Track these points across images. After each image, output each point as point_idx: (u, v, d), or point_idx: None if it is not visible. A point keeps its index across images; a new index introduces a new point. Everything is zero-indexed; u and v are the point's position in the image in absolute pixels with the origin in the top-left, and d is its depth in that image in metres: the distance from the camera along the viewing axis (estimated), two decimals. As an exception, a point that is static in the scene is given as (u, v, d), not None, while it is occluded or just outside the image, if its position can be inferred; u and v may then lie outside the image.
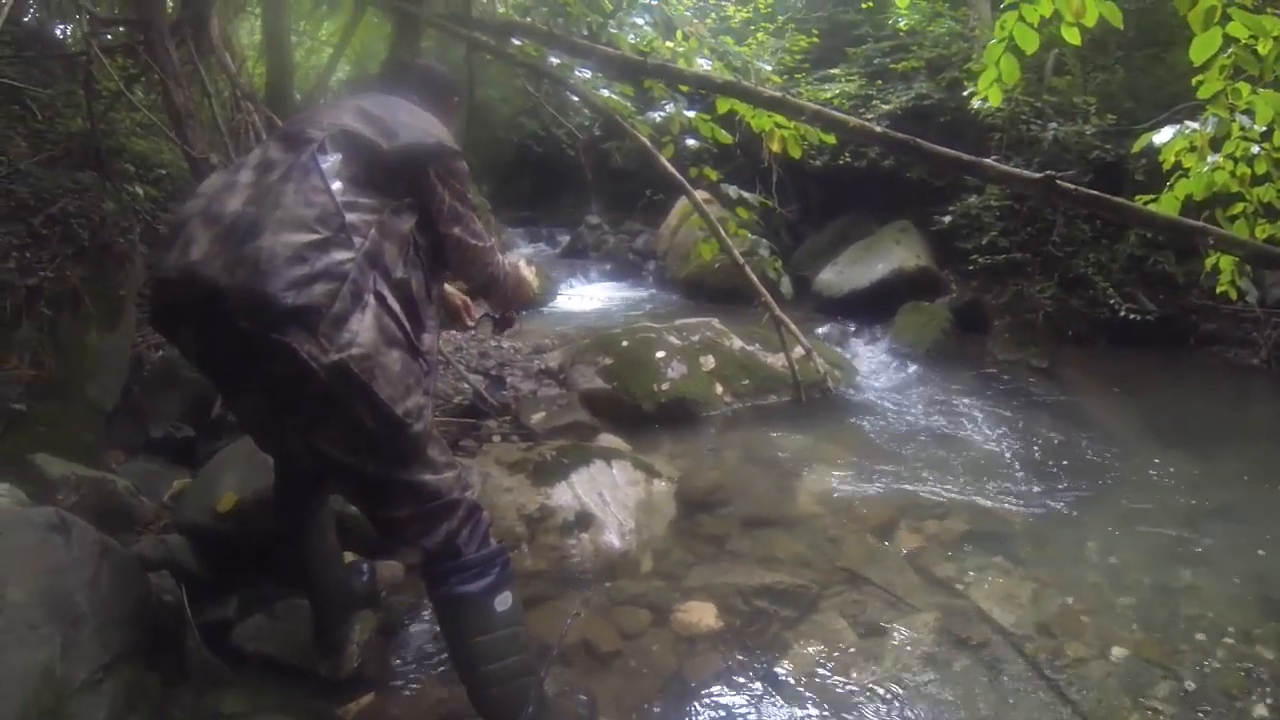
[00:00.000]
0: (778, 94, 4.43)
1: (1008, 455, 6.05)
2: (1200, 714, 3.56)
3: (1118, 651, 3.91)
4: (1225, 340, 8.59)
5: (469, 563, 2.74)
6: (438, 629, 3.39)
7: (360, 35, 8.85)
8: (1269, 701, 3.64)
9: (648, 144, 4.65)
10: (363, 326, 2.34)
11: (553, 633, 3.74)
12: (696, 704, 3.43)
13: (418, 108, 2.91)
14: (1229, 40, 3.37)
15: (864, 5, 12.21)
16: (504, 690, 2.82)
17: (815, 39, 12.22)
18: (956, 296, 9.38)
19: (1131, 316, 8.50)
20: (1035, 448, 6.22)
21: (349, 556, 3.92)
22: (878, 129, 4.00)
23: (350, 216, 2.41)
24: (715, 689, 3.53)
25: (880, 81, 11.25)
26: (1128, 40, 9.44)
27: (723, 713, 3.39)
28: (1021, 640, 3.94)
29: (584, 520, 4.35)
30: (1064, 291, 8.84)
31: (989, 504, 5.24)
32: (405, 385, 2.47)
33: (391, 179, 2.60)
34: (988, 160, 3.51)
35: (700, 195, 11.11)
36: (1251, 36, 3.35)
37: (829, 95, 11.09)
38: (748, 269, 4.19)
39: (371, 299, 2.40)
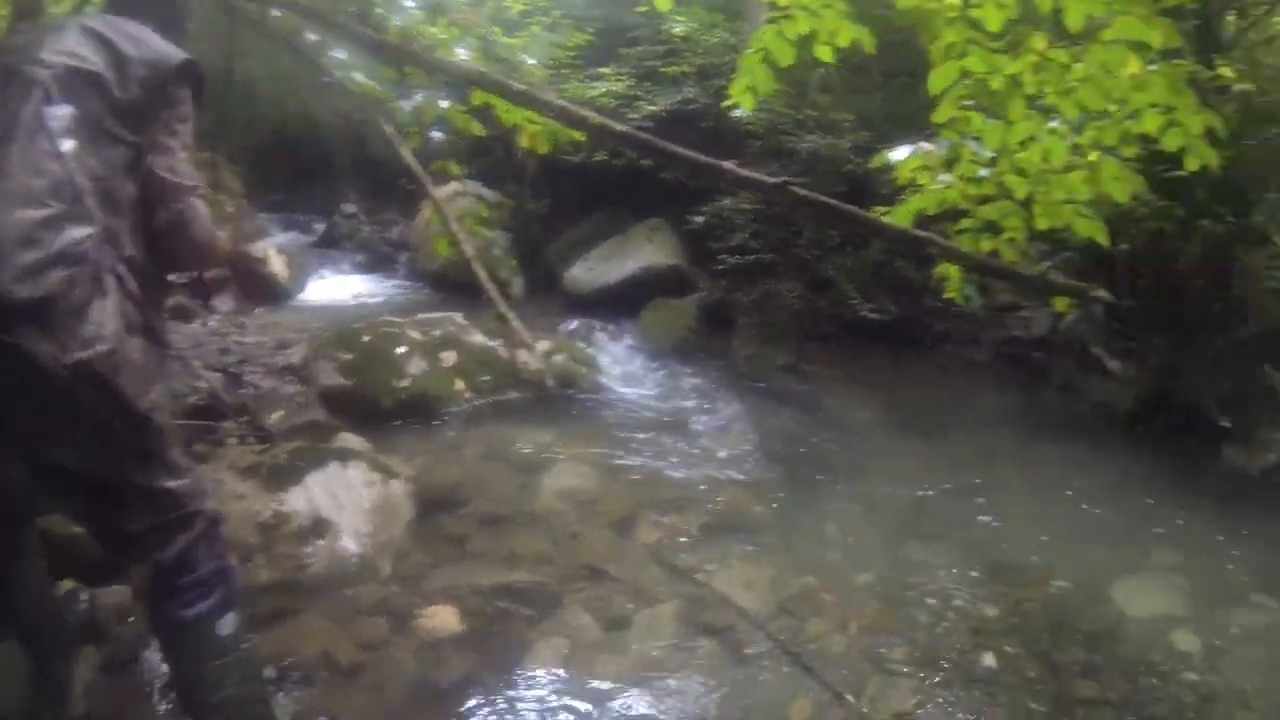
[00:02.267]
0: (525, 89, 4.38)
1: (749, 447, 6.28)
2: (935, 671, 3.86)
3: (857, 623, 4.17)
4: (955, 339, 9.14)
5: (194, 582, 2.49)
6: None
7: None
8: (995, 652, 4.00)
9: (390, 133, 4.49)
10: (106, 316, 2.11)
11: (293, 650, 3.58)
12: (443, 712, 3.39)
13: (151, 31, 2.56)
14: (965, 73, 3.60)
15: (639, 10, 12.35)
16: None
17: (590, 37, 12.20)
18: (705, 295, 9.55)
19: (873, 317, 8.93)
20: (777, 439, 6.50)
21: (65, 585, 3.58)
22: (618, 127, 4.05)
23: (83, 182, 2.15)
24: (462, 695, 3.48)
25: (649, 83, 11.32)
26: (888, 68, 9.93)
27: (469, 718, 3.36)
28: (764, 621, 4.12)
29: (320, 526, 4.18)
30: (810, 292, 9.18)
31: (730, 494, 5.44)
32: (147, 376, 2.27)
33: (126, 121, 2.32)
34: (727, 164, 3.61)
35: (454, 188, 11.02)
36: (987, 72, 3.59)
37: (596, 93, 11.11)
38: (476, 265, 4.13)
39: (112, 281, 2.17)
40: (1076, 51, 3.59)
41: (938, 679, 3.80)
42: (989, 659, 3.95)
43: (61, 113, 2.19)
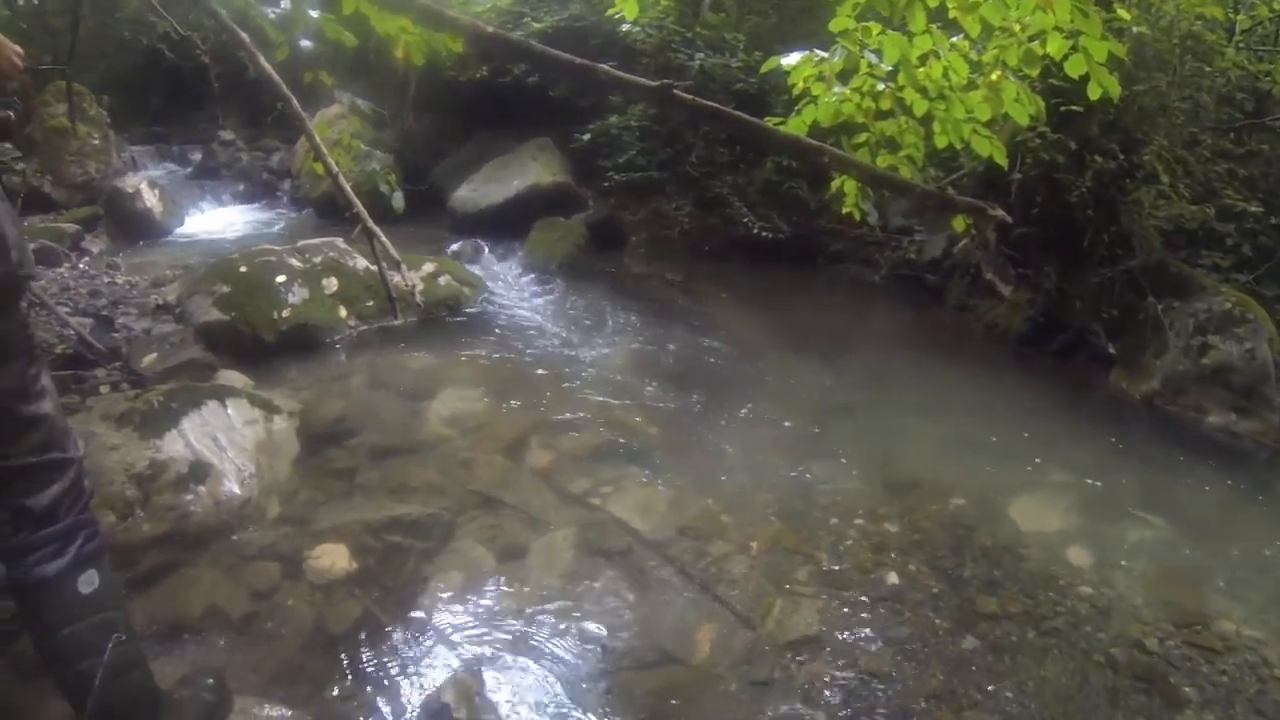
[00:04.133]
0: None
1: (642, 366, 6.16)
2: (838, 590, 3.84)
3: (758, 545, 4.11)
4: (850, 259, 9.25)
5: (52, 535, 2.29)
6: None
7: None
8: (898, 570, 4.01)
9: (248, 41, 4.09)
10: None
11: (182, 609, 3.36)
12: (342, 657, 3.21)
13: None
14: None
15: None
16: (106, 690, 2.34)
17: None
18: (593, 213, 9.38)
19: (765, 235, 8.88)
20: (670, 359, 6.39)
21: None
22: (489, 29, 3.73)
23: None
24: (358, 638, 3.32)
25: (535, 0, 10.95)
26: None
27: (368, 661, 3.20)
28: (663, 545, 4.03)
29: (200, 471, 3.89)
30: (701, 210, 9.07)
31: (623, 415, 5.31)
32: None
33: None
34: (603, 66, 3.35)
35: (337, 110, 10.50)
36: None
37: (480, 9, 10.64)
38: (341, 179, 3.82)
39: None
40: None
41: (842, 598, 3.78)
42: (892, 576, 3.96)
43: None
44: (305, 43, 5.71)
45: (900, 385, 6.32)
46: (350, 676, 3.12)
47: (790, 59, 3.99)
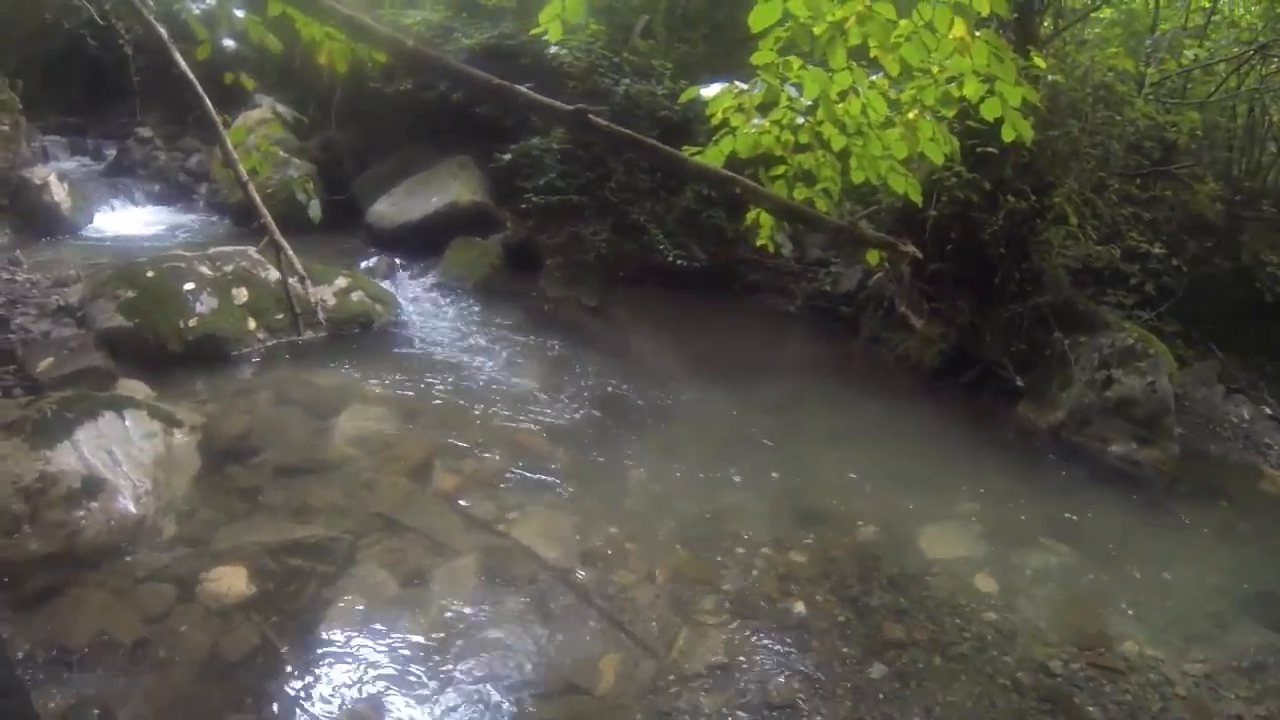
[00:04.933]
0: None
1: (552, 391, 6.09)
2: (745, 620, 3.85)
3: (664, 573, 4.11)
4: (767, 290, 9.26)
5: None
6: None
7: None
8: (805, 599, 4.03)
9: (164, 35, 3.91)
10: None
11: (71, 633, 3.22)
12: (237, 686, 3.12)
13: None
14: (788, 15, 3.41)
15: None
16: None
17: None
18: (511, 234, 9.22)
19: (682, 263, 8.87)
20: (581, 383, 6.33)
21: None
22: (408, 43, 3.64)
23: None
24: (254, 665, 3.23)
25: (466, 15, 10.76)
26: (718, 22, 9.82)
27: (265, 691, 3.11)
28: (568, 573, 4.01)
29: (93, 486, 3.73)
30: (618, 236, 9.00)
31: (531, 439, 5.25)
32: None
33: None
34: (520, 87, 3.29)
35: (259, 115, 10.22)
36: (810, 16, 3.41)
37: (410, 21, 10.51)
38: (250, 187, 3.67)
39: None
40: (904, 6, 3.47)
41: (749, 628, 3.79)
42: (799, 606, 3.98)
43: None
44: (229, 42, 5.54)
45: (812, 415, 6.37)
46: (246, 707, 3.04)
47: (710, 90, 3.98)
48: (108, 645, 3.18)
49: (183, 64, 4.19)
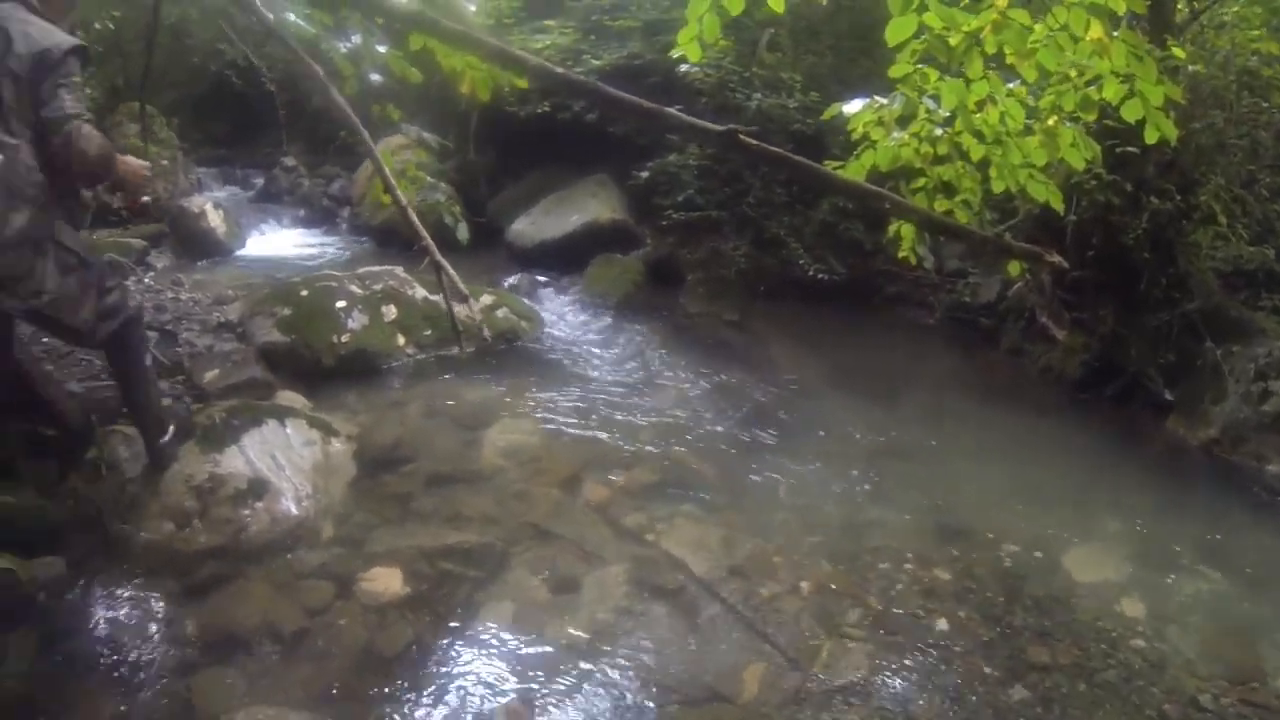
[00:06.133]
0: (459, 28, 4.17)
1: (697, 404, 6.18)
2: (888, 635, 3.83)
3: (808, 586, 4.13)
4: (906, 302, 9.22)
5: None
6: (103, 630, 3.28)
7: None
8: (948, 616, 4.00)
9: (320, 74, 4.25)
10: (46, 274, 3.01)
11: (234, 618, 3.45)
12: (391, 679, 3.28)
13: (29, 14, 3.00)
14: (924, 27, 3.46)
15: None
16: None
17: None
18: (651, 250, 9.45)
19: (821, 277, 8.91)
20: (725, 397, 6.40)
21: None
22: (558, 70, 3.86)
23: (26, 173, 2.87)
24: (408, 661, 3.39)
25: (594, 37, 11.07)
26: (841, 31, 9.87)
27: (418, 685, 3.26)
28: (715, 584, 4.05)
29: (258, 487, 4.01)
30: (757, 250, 9.10)
31: (678, 453, 5.34)
32: (81, 299, 3.21)
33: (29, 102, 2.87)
34: (671, 110, 3.44)
35: (400, 141, 10.71)
36: (945, 27, 3.46)
37: (540, 45, 10.85)
38: (410, 211, 3.94)
39: (49, 245, 3.00)
40: (1038, 11, 3.48)
41: (892, 644, 3.78)
42: (942, 623, 3.94)
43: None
44: (375, 77, 5.90)
45: (953, 430, 6.29)
46: (400, 699, 3.18)
47: (851, 106, 4.06)
48: (270, 633, 3.40)
49: (340, 100, 4.52)
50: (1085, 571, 4.53)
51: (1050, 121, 3.91)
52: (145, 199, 3.75)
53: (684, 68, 8.76)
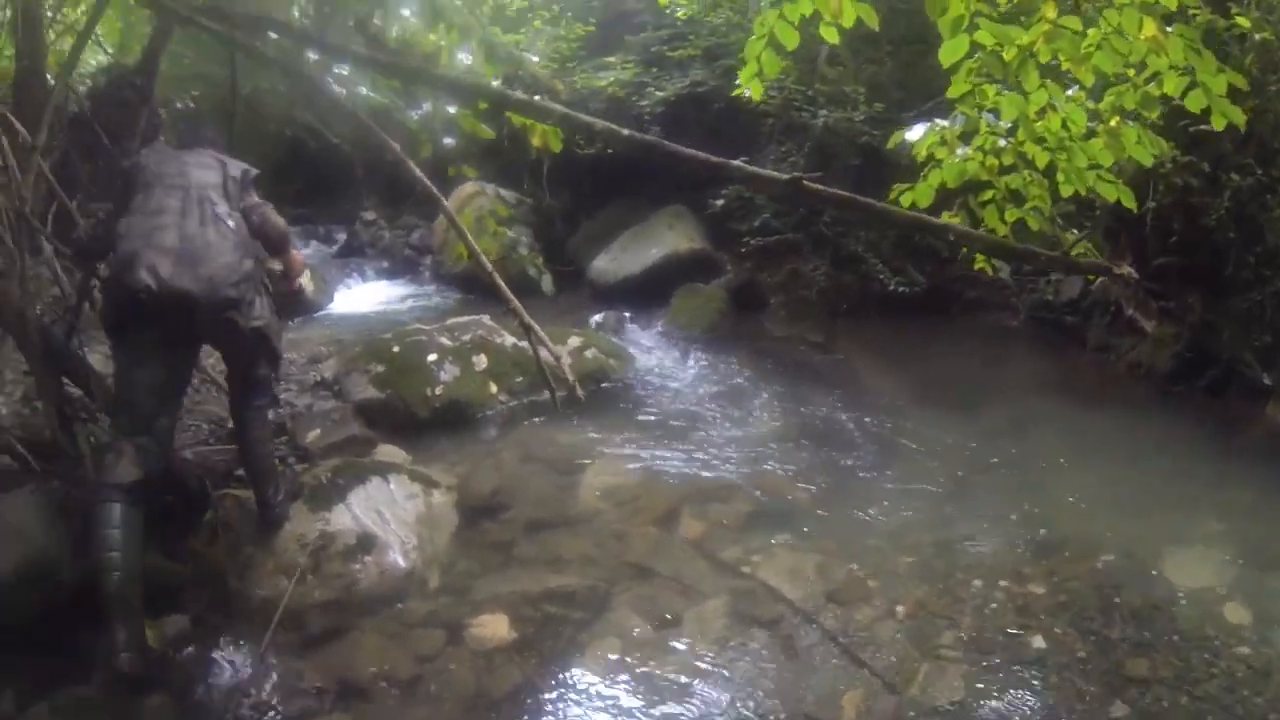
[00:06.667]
0: (525, 98, 4.39)
1: (787, 431, 6.27)
2: (983, 655, 3.86)
3: (903, 609, 4.18)
4: (987, 306, 9.21)
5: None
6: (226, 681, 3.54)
7: (109, 22, 8.31)
8: (1044, 633, 3.99)
9: (397, 150, 4.55)
10: (263, 306, 4.03)
11: (350, 667, 3.67)
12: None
13: (212, 150, 4.33)
14: (976, 46, 3.56)
15: (639, -3, 12.28)
16: None
17: (592, 27, 12.16)
18: (732, 277, 9.55)
19: (901, 289, 8.98)
20: (813, 421, 6.49)
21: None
22: (624, 132, 4.05)
23: (244, 238, 3.99)
24: (518, 702, 3.54)
25: (656, 69, 11.23)
26: (898, 35, 9.83)
27: (528, 725, 3.39)
28: (812, 612, 4.14)
29: (366, 542, 4.22)
30: (836, 269, 9.20)
31: (770, 482, 5.44)
32: (280, 332, 4.29)
33: (236, 199, 4.10)
34: (735, 162, 3.60)
35: (472, 188, 11.02)
36: (998, 44, 3.55)
37: (604, 83, 11.09)
38: (495, 276, 4.19)
39: (263, 286, 4.08)
40: (1090, 15, 3.54)
41: (987, 664, 3.80)
42: (1038, 640, 3.94)
43: (222, 207, 3.99)
44: (448, 140, 6.16)
45: (1043, 436, 6.24)
46: (514, 741, 3.33)
47: (913, 133, 4.17)
48: (385, 680, 3.60)
49: (417, 172, 4.80)
50: (1185, 577, 4.45)
51: (1113, 122, 3.96)
52: (299, 286, 4.76)
53: (748, 93, 8.90)
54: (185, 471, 4.52)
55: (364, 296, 10.54)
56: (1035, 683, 3.69)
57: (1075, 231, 5.75)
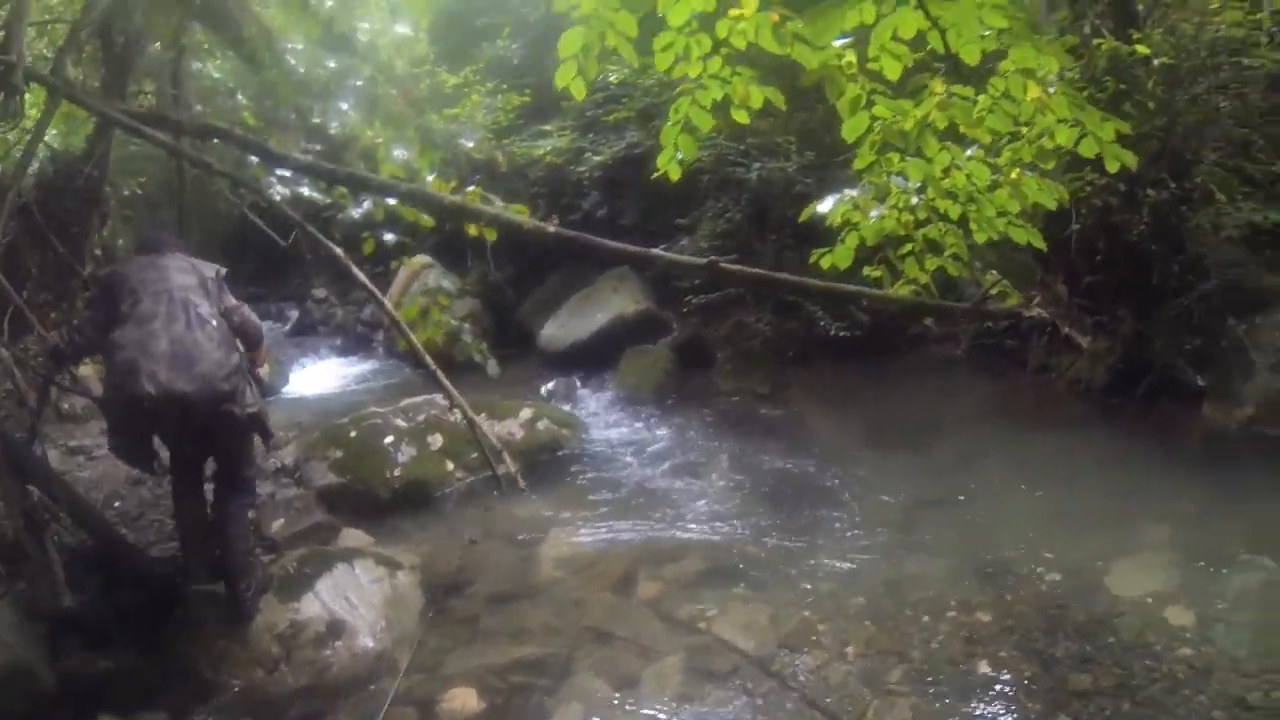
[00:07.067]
0: (458, 201, 4.69)
1: (737, 486, 6.53)
2: (931, 685, 4.09)
3: (853, 650, 4.41)
4: (930, 339, 9.42)
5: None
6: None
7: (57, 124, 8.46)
8: (990, 658, 4.23)
9: (339, 254, 4.97)
10: (253, 393, 4.46)
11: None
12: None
13: (180, 253, 4.68)
14: (877, 119, 3.88)
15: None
16: None
17: (528, 97, 12.45)
18: (678, 335, 9.79)
19: (843, 334, 9.18)
20: (763, 473, 6.74)
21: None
22: (550, 229, 4.36)
23: (227, 335, 4.37)
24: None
25: (592, 135, 11.59)
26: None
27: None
28: (766, 661, 4.37)
29: (336, 628, 4.43)
30: (779, 318, 9.42)
31: (723, 538, 5.68)
32: (268, 416, 4.69)
33: (214, 300, 4.45)
34: (655, 251, 3.90)
35: (423, 260, 11.26)
36: (895, 116, 3.88)
37: (541, 151, 11.41)
38: (439, 373, 4.63)
39: (249, 375, 4.48)
40: (979, 85, 3.86)
41: (935, 693, 4.03)
42: (984, 666, 4.18)
43: (205, 308, 4.35)
44: (388, 236, 6.45)
45: (988, 465, 6.47)
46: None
47: (824, 205, 4.46)
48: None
49: (360, 277, 5.19)
50: (1128, 587, 4.65)
51: (1014, 175, 4.29)
52: (260, 376, 4.90)
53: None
54: (155, 567, 4.74)
55: (319, 376, 10.74)
56: (982, 706, 3.91)
57: (995, 273, 6.10)
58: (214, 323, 4.33)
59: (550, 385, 9.15)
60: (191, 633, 4.37)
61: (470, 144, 9.67)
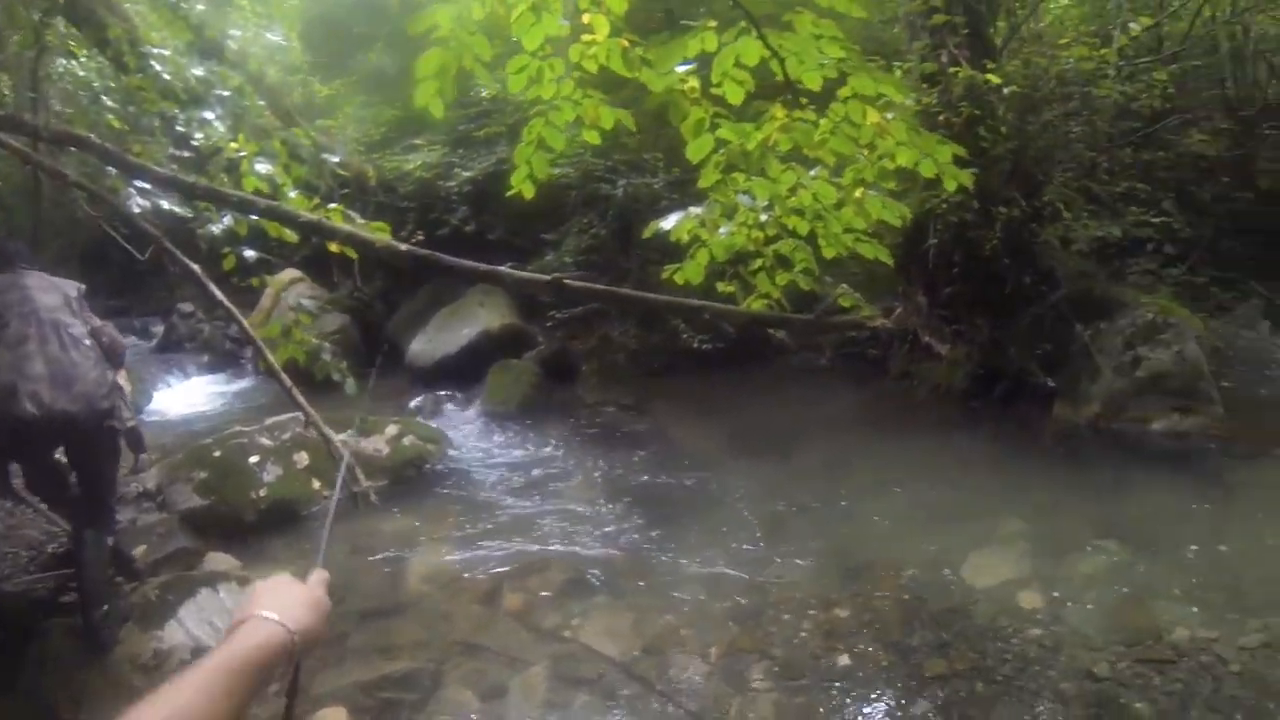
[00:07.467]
0: (314, 218, 4.74)
1: (602, 497, 6.70)
2: (793, 680, 4.31)
3: (716, 651, 4.61)
4: (795, 349, 9.80)
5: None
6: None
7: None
8: (849, 651, 4.47)
9: (198, 272, 5.06)
10: (127, 409, 4.74)
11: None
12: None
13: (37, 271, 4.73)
14: (721, 141, 4.07)
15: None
16: None
17: (399, 110, 12.38)
18: (544, 349, 9.92)
19: (706, 346, 9.48)
20: (627, 484, 6.93)
21: None
22: (403, 247, 4.47)
23: (100, 354, 4.54)
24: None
25: (462, 150, 11.67)
26: None
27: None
28: (630, 665, 4.53)
29: (201, 656, 4.37)
30: (644, 330, 9.68)
31: (587, 549, 5.84)
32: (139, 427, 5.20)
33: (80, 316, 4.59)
34: (503, 269, 4.02)
35: (291, 274, 11.13)
36: (739, 140, 4.07)
37: (412, 166, 11.40)
38: (298, 395, 4.71)
39: (121, 391, 4.69)
40: (821, 109, 4.07)
41: (797, 687, 4.26)
42: (844, 659, 4.42)
43: (77, 327, 4.48)
44: (249, 253, 6.41)
45: (851, 470, 6.78)
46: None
47: (668, 221, 4.64)
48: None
49: (219, 296, 5.20)
50: (983, 577, 4.98)
51: (858, 194, 4.53)
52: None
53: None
54: (5, 603, 4.66)
55: (186, 394, 10.49)
56: (841, 696, 4.15)
57: (846, 286, 6.40)
58: (87, 342, 4.46)
59: (418, 401, 9.17)
60: (49, 668, 4.31)
61: (337, 159, 9.61)
